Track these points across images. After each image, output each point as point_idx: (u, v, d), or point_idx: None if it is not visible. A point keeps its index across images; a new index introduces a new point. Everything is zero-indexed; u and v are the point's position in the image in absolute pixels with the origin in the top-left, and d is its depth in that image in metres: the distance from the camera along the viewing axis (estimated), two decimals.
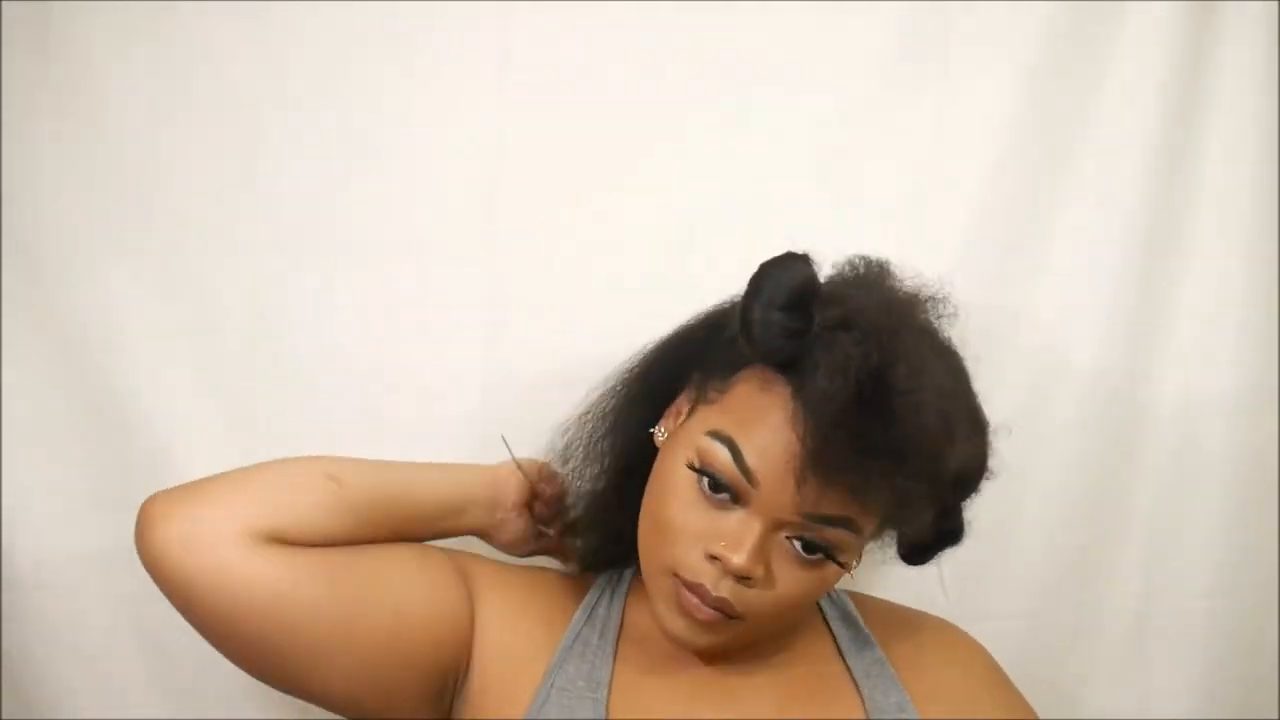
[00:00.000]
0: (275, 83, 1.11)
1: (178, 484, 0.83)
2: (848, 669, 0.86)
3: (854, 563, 0.81)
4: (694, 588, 0.77)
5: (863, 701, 0.83)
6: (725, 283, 0.86)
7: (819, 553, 0.77)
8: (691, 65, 1.13)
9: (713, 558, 0.77)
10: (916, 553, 0.87)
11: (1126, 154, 1.13)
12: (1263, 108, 1.13)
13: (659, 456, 0.84)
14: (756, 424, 0.77)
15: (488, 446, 1.10)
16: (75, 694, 1.12)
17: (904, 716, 0.82)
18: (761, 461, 0.76)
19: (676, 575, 0.78)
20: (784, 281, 0.78)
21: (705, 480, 0.78)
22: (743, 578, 0.76)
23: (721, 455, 0.77)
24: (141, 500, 1.11)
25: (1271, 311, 1.15)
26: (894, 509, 0.78)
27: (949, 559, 1.13)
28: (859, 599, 0.92)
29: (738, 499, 0.77)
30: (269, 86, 1.11)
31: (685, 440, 0.80)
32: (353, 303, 1.12)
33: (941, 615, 0.96)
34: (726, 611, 0.77)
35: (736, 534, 0.76)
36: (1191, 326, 1.15)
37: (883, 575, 1.05)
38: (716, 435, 0.78)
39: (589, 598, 0.88)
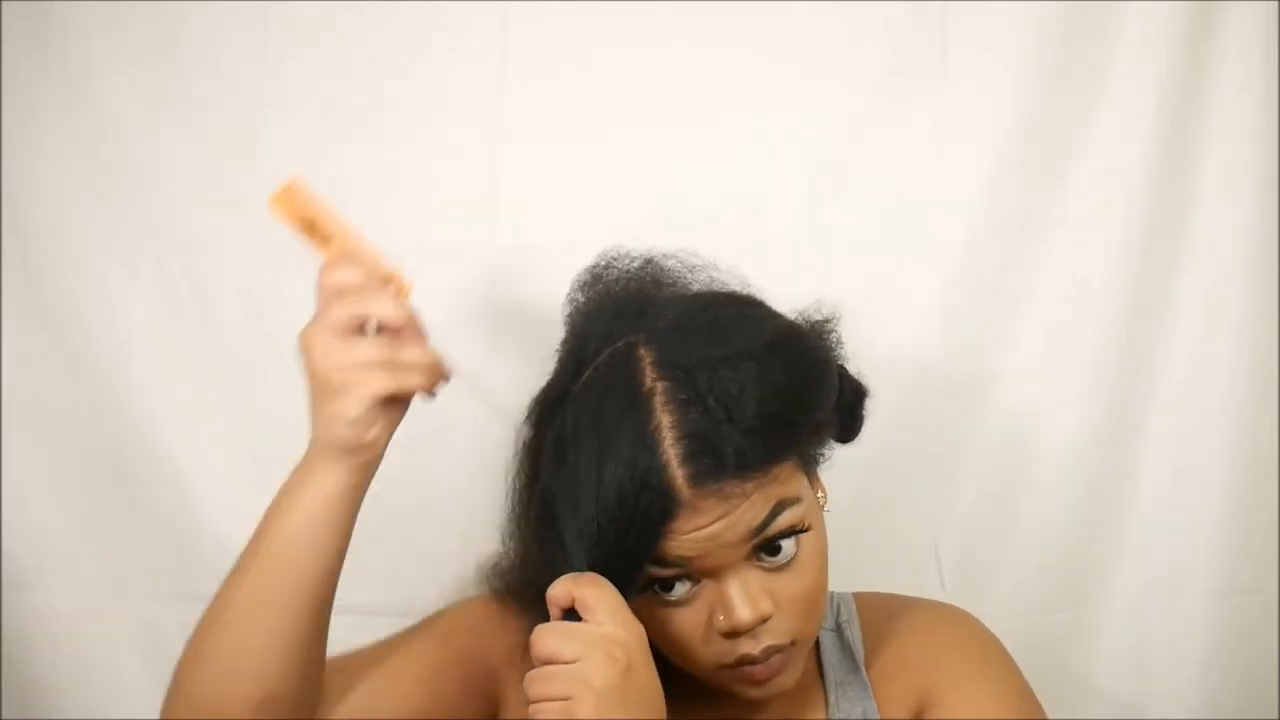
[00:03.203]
0: (275, 83, 1.12)
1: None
2: (821, 678, 0.85)
3: (820, 497, 0.79)
4: (743, 661, 0.75)
5: (827, 708, 0.83)
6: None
7: (786, 539, 0.74)
8: (690, 69, 1.13)
9: (728, 634, 0.74)
10: (843, 432, 0.83)
11: (1125, 156, 1.13)
12: (1262, 109, 1.13)
13: None
14: None
15: (487, 447, 1.10)
16: (75, 694, 1.12)
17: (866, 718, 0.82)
18: (679, 539, 0.72)
19: (722, 666, 0.76)
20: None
21: (658, 589, 0.74)
22: (761, 620, 0.74)
23: (658, 571, 0.73)
24: (139, 500, 1.12)
25: (1271, 312, 1.15)
26: (787, 449, 0.74)
27: (949, 558, 1.14)
28: (863, 600, 0.91)
29: (693, 579, 0.74)
30: (269, 86, 1.12)
31: None
32: None
33: None
34: (780, 650, 0.75)
35: (722, 602, 0.74)
36: (1191, 326, 1.15)
37: (884, 578, 1.05)
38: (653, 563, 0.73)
39: None
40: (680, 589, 0.74)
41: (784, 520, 0.73)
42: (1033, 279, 1.14)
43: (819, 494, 0.80)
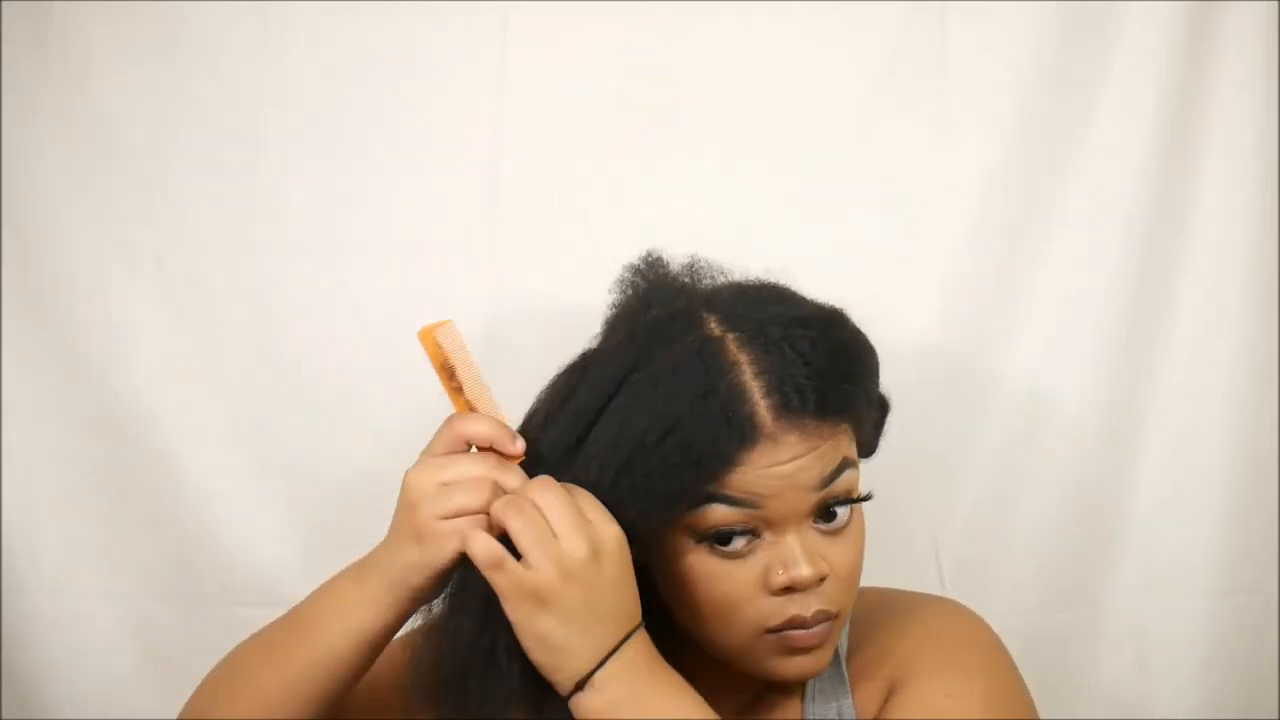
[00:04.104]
0: (275, 83, 1.12)
1: None
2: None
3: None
4: (793, 623, 0.73)
5: (803, 706, 0.82)
6: None
7: (843, 507, 0.74)
8: (689, 68, 1.13)
9: (784, 590, 0.73)
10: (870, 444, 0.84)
11: (1126, 154, 1.13)
12: (1262, 109, 1.13)
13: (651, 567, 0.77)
14: None
15: None
16: (75, 694, 1.13)
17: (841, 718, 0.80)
18: (757, 472, 0.71)
19: (768, 630, 0.74)
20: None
21: (714, 542, 0.73)
22: (820, 579, 0.73)
23: (714, 514, 0.72)
24: (138, 500, 1.12)
25: (1271, 312, 1.14)
26: (852, 411, 0.75)
27: (949, 558, 1.14)
28: (859, 595, 0.90)
29: (754, 533, 0.73)
30: (269, 86, 1.12)
31: (667, 544, 0.75)
32: (353, 303, 1.13)
33: None
34: (829, 616, 0.74)
35: (782, 557, 0.72)
36: (1191, 326, 1.15)
37: (884, 579, 1.05)
38: (719, 500, 0.72)
39: None
40: (738, 542, 0.72)
41: (846, 480, 0.74)
42: (1033, 279, 1.14)
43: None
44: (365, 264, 1.13)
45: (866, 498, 0.76)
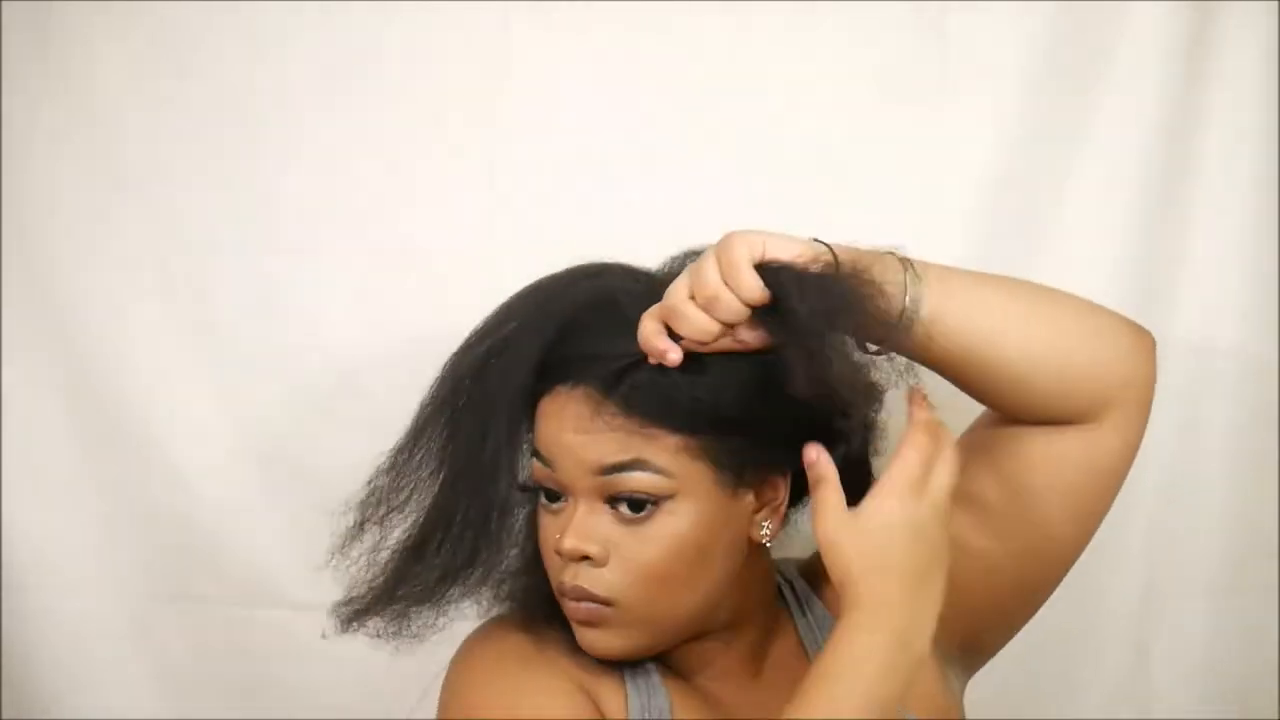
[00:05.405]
0: (275, 83, 1.12)
1: None
2: (806, 657, 0.86)
3: (763, 528, 0.80)
4: (563, 591, 0.78)
5: (803, 647, 0.86)
6: None
7: (645, 506, 0.76)
8: (689, 70, 1.13)
9: (558, 553, 0.78)
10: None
11: (1126, 154, 1.13)
12: (1262, 109, 1.13)
13: None
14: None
15: None
16: (75, 694, 1.13)
17: None
18: (546, 424, 0.78)
19: (558, 590, 0.79)
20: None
21: (542, 494, 0.80)
22: (583, 558, 0.77)
23: (535, 465, 0.80)
24: (138, 500, 1.13)
25: (1271, 312, 1.15)
26: (673, 413, 0.76)
27: None
28: (807, 568, 0.92)
29: (561, 495, 0.79)
30: (269, 86, 1.12)
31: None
32: (353, 303, 1.13)
33: None
34: (591, 599, 0.77)
35: (562, 522, 0.78)
36: (1191, 326, 1.15)
37: None
38: (534, 453, 0.80)
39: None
40: (557, 503, 0.79)
41: (639, 480, 0.76)
42: (1032, 273, 1.14)
43: (764, 526, 0.80)
44: (365, 264, 1.12)
45: (656, 500, 0.76)
